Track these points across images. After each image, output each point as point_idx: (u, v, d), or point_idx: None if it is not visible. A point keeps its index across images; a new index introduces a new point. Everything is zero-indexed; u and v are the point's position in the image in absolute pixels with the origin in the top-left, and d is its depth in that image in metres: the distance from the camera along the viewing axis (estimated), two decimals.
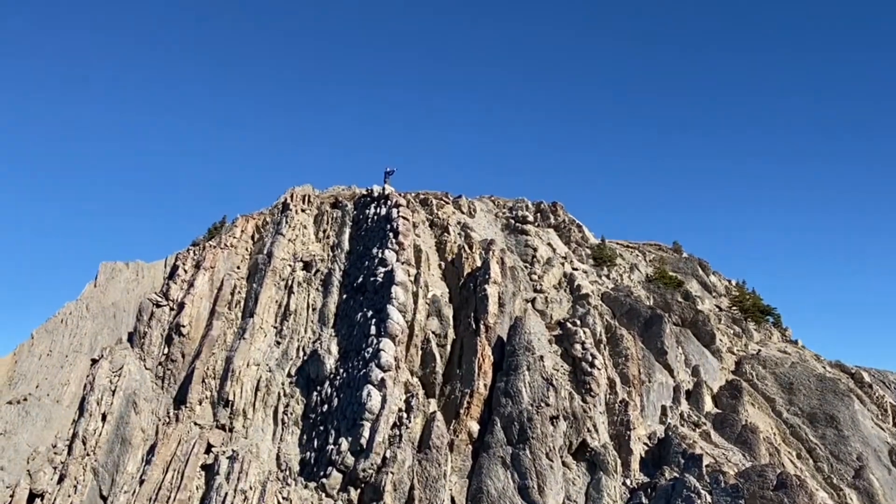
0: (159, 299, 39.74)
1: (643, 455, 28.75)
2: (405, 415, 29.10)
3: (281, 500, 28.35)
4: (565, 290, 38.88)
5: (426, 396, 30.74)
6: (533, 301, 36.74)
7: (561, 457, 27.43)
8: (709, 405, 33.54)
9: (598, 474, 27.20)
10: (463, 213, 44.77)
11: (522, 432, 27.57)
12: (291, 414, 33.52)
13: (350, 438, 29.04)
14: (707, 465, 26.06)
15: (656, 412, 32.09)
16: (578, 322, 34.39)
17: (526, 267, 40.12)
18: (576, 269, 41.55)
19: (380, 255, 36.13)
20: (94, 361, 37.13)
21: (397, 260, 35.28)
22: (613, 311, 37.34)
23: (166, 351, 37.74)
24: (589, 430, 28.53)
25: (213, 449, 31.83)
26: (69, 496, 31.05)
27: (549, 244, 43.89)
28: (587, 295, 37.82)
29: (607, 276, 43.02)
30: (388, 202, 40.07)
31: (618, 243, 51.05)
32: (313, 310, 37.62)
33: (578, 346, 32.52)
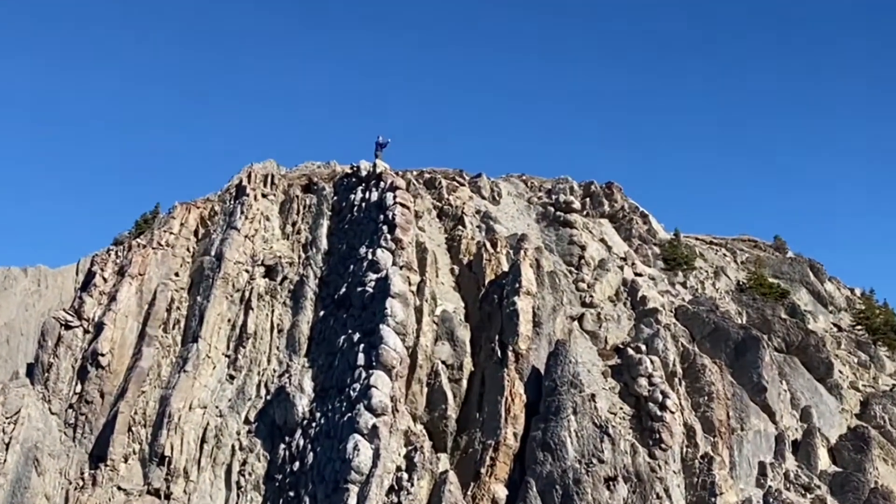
0: (69, 318, 40.14)
1: None
2: (405, 475, 29.13)
3: None
4: (625, 304, 39.47)
5: (434, 450, 30.95)
6: (580, 319, 37.31)
7: None
8: (824, 461, 33.79)
9: None
10: (484, 197, 45.32)
11: (567, 499, 27.69)
12: (250, 475, 33.93)
13: None
14: None
15: (752, 471, 32.30)
16: (643, 347, 34.62)
17: (571, 272, 40.78)
18: (639, 275, 42.27)
19: (370, 257, 36.52)
20: None
21: (394, 263, 35.63)
22: (692, 331, 37.72)
23: (79, 388, 38.06)
24: (659, 497, 28.56)
25: None
26: None
27: (602, 240, 44.43)
28: (655, 310, 38.04)
29: (683, 285, 43.56)
30: (381, 184, 40.45)
31: (697, 239, 51.29)
32: (279, 332, 38.19)
33: (643, 381, 32.76)
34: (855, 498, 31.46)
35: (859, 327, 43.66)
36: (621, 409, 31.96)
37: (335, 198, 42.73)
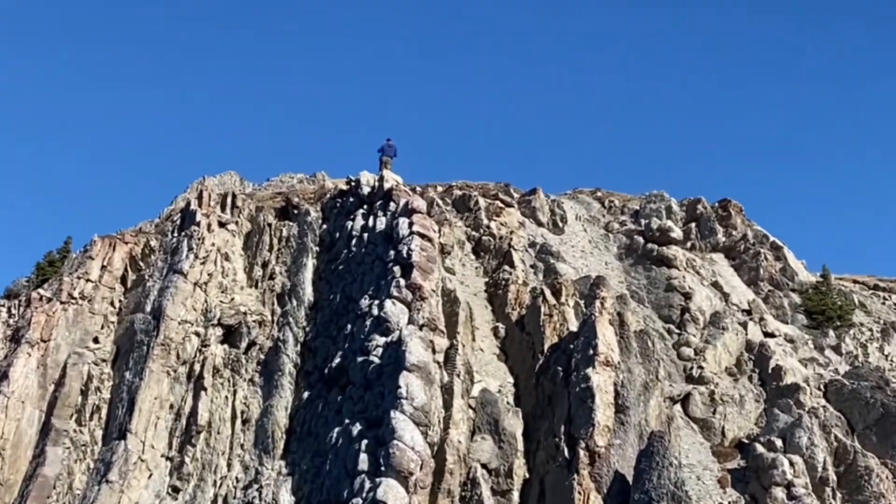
0: None
1: None
2: None
3: None
4: (751, 379, 39.74)
5: None
6: (685, 401, 37.67)
7: None
8: None
9: None
10: (541, 223, 46.55)
11: None
12: None
13: None
14: None
15: None
16: (779, 443, 34.63)
17: (670, 332, 41.34)
18: (771, 335, 42.65)
19: (375, 312, 36.40)
20: None
21: (410, 321, 35.30)
22: (850, 419, 37.43)
23: None
24: None
25: None
26: None
27: (714, 285, 45.04)
28: (796, 387, 38.06)
29: (836, 350, 43.57)
30: (392, 205, 40.84)
31: (855, 282, 51.96)
32: (245, 423, 38.57)
33: (780, 493, 32.49)
34: None
35: None
36: None
37: (324, 226, 43.45)
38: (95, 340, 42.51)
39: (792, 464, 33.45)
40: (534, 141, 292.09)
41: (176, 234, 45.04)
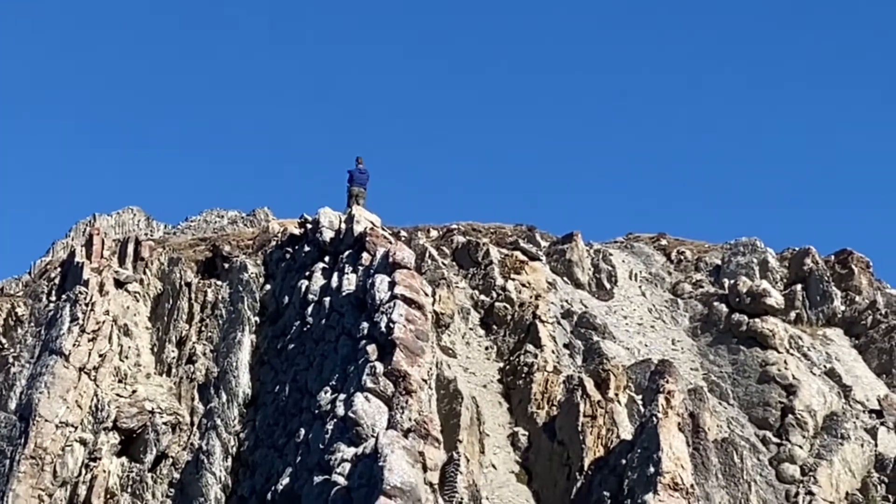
0: None
1: None
2: None
3: None
4: None
5: None
6: None
7: None
8: None
9: None
10: (579, 283, 46.14)
11: None
12: None
13: None
14: None
15: None
16: None
17: (766, 441, 40.62)
18: None
19: (341, 411, 33.43)
20: None
21: (391, 425, 31.83)
22: None
23: None
24: None
25: None
26: None
27: (829, 373, 43.60)
28: None
29: None
30: (364, 256, 38.59)
31: None
32: None
33: None
34: None
35: None
36: None
37: (267, 287, 42.47)
38: None
39: None
40: (568, 168, 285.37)
41: (54, 299, 43.48)
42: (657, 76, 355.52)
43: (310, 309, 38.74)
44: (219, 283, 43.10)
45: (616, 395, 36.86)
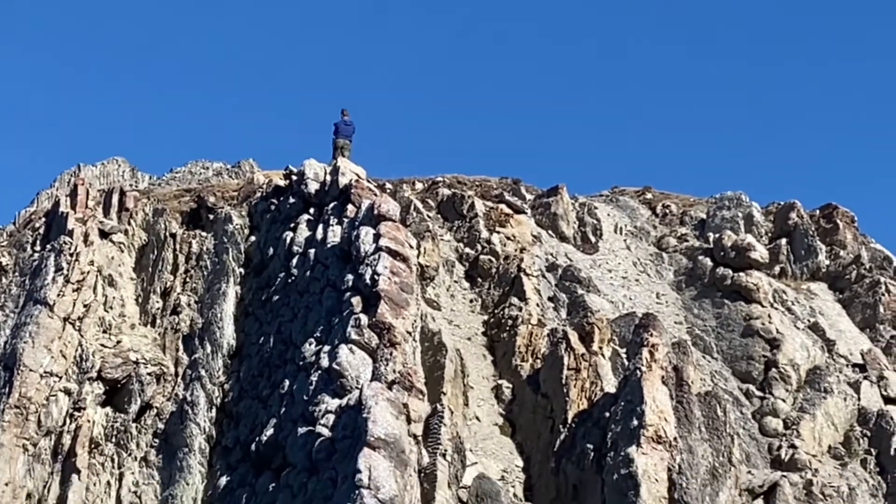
0: None
1: None
2: None
3: None
4: (863, 463, 38.43)
5: None
6: (770, 494, 35.90)
7: None
8: None
9: None
10: (564, 236, 46.27)
11: None
12: None
13: None
14: None
15: None
16: None
17: (749, 394, 40.54)
18: (894, 401, 41.32)
19: (325, 363, 33.68)
20: None
21: (376, 376, 32.13)
22: None
23: None
24: None
25: None
26: None
27: (813, 327, 43.50)
28: None
29: None
30: (349, 208, 38.90)
31: None
32: None
33: None
34: None
35: None
36: None
37: (253, 238, 42.54)
38: None
39: None
40: (554, 121, 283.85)
41: (38, 248, 43.93)
42: (642, 28, 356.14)
43: (294, 261, 39.13)
44: (203, 234, 43.31)
45: (600, 348, 37.13)
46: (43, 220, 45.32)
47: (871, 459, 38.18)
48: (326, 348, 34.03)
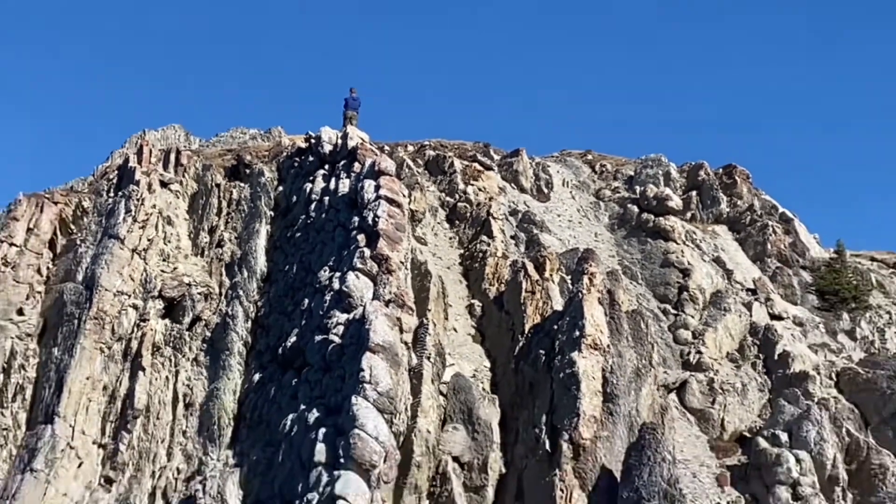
0: None
1: None
2: None
3: None
4: (754, 365, 40.26)
5: None
6: (681, 389, 38.24)
7: None
8: None
9: None
10: (523, 189, 48.00)
11: None
12: None
13: None
14: None
15: None
16: (784, 437, 34.87)
17: (666, 312, 42.41)
18: (779, 318, 43.33)
19: (336, 286, 36.18)
20: None
21: (376, 296, 34.93)
22: (863, 411, 37.51)
23: None
24: None
25: None
26: None
27: (717, 260, 45.94)
28: (805, 375, 38.23)
29: (850, 334, 44.02)
30: (356, 166, 40.94)
31: (874, 260, 52.10)
32: (188, 407, 38.83)
33: (784, 492, 32.88)
34: None
35: None
36: None
37: (280, 188, 43.91)
38: (20, 312, 42.51)
39: (798, 460, 33.70)
40: (517, 96, 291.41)
41: (112, 195, 45.20)
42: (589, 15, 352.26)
43: (313, 206, 41.13)
44: (242, 184, 45.15)
45: (551, 275, 39.11)
46: (116, 172, 46.44)
47: (760, 363, 40.43)
48: (337, 274, 36.50)
